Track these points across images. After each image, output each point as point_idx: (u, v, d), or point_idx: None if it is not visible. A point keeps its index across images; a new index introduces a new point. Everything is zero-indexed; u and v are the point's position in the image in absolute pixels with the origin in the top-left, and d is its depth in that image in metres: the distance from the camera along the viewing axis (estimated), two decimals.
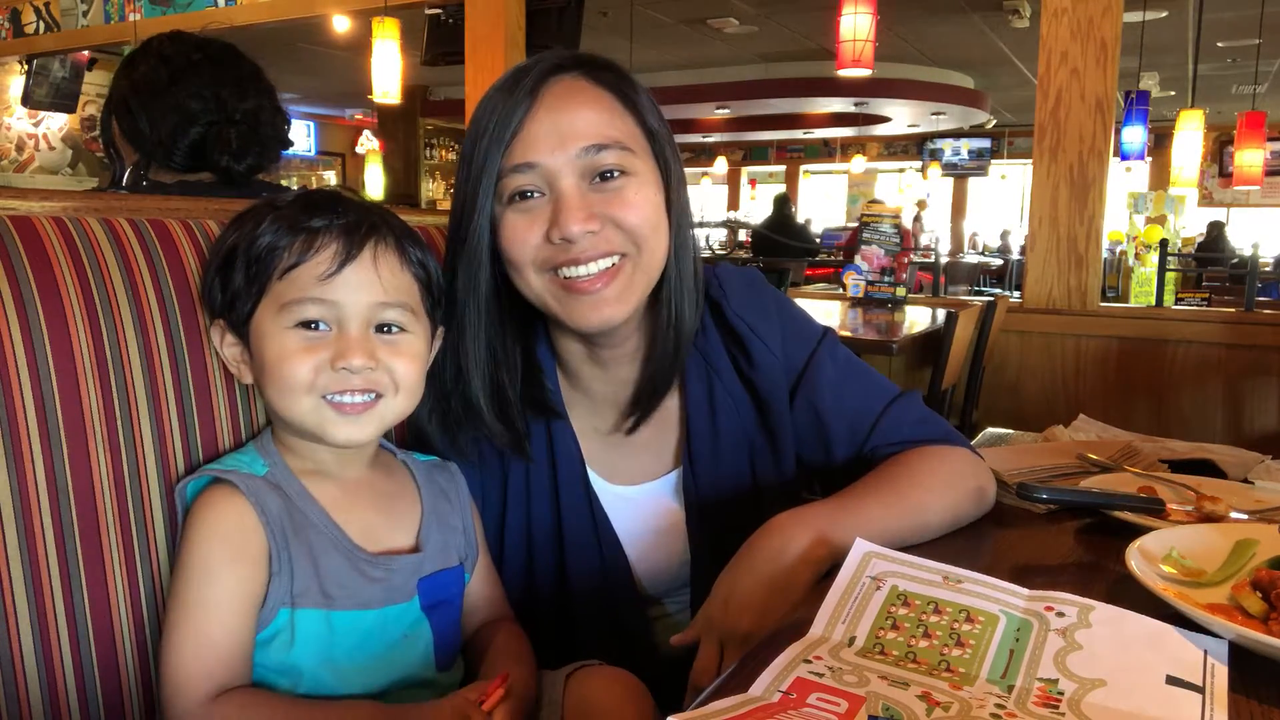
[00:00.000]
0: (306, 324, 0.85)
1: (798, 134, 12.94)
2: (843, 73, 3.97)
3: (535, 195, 0.93)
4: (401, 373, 0.88)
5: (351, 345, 0.85)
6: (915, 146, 13.31)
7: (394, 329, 0.89)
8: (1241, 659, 0.68)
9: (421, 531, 0.94)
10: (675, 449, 1.09)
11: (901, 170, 14.11)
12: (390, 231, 0.90)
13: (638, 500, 1.08)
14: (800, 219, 8.79)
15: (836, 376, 1.06)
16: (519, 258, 0.94)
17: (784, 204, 8.39)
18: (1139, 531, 0.90)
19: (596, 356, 1.04)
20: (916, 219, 9.68)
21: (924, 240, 8.93)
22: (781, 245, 7.41)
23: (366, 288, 0.86)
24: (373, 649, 0.87)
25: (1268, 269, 6.20)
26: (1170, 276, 4.29)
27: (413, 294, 0.91)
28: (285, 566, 0.83)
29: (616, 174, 0.93)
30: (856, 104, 10.32)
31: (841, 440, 1.04)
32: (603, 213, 0.92)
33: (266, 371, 0.86)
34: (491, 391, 0.99)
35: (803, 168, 14.64)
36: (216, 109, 1.58)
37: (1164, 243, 4.34)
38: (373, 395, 0.86)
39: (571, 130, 0.92)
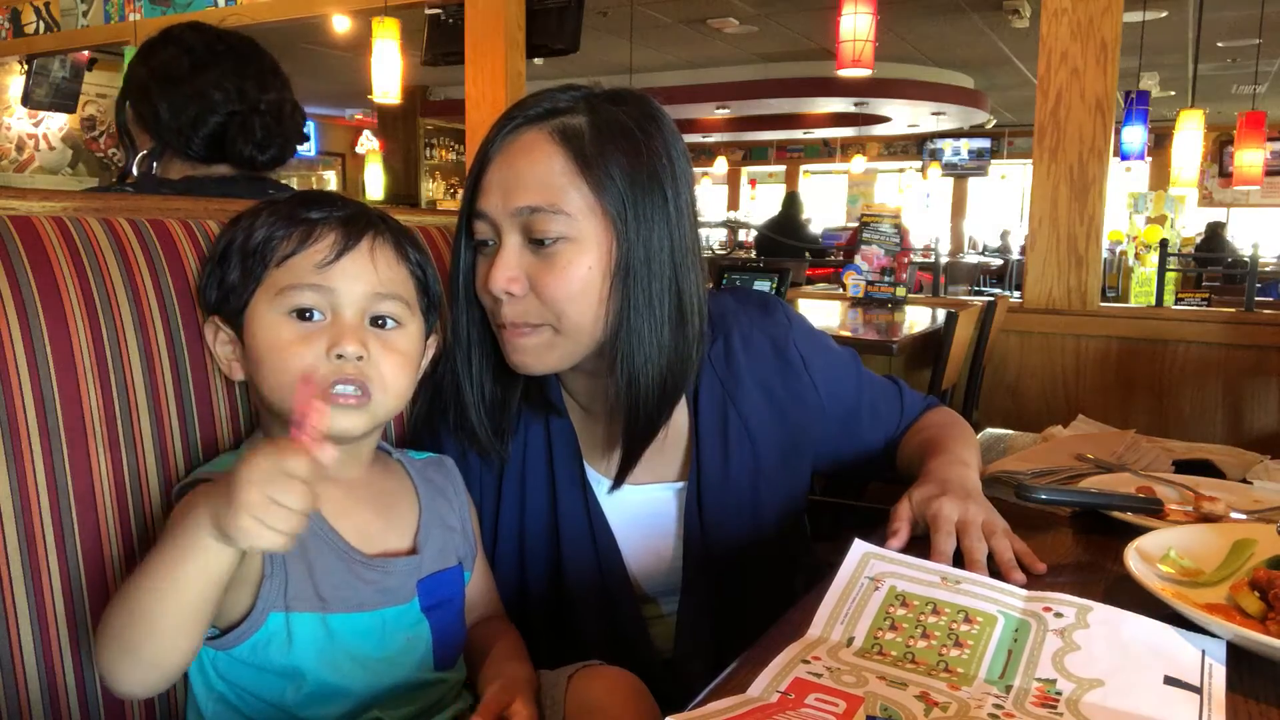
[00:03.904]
0: (301, 313, 0.85)
1: (798, 134, 12.92)
2: (843, 73, 3.97)
3: (491, 243, 0.97)
4: (390, 369, 0.87)
5: (346, 332, 0.84)
6: (915, 146, 13.29)
7: (389, 322, 0.89)
8: (1239, 659, 0.68)
9: (419, 534, 0.94)
10: (681, 463, 1.10)
11: (901, 170, 14.09)
12: (388, 228, 0.91)
13: (635, 499, 1.09)
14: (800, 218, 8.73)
15: (868, 389, 1.22)
16: (481, 300, 0.99)
17: (792, 203, 8.31)
18: (1138, 531, 0.91)
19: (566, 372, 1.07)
20: None
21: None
22: (785, 245, 7.37)
23: (363, 277, 0.87)
24: (372, 650, 0.87)
25: (1268, 269, 6.18)
26: (1170, 276, 4.27)
27: (408, 288, 0.91)
28: (279, 570, 0.82)
29: (549, 241, 0.93)
30: (856, 104, 10.30)
31: (880, 438, 1.23)
32: (531, 275, 0.94)
33: (259, 361, 0.85)
34: (457, 413, 1.03)
35: (803, 168, 14.62)
36: (239, 99, 1.56)
37: (1164, 243, 4.32)
38: (362, 392, 0.85)
39: (517, 185, 0.93)
